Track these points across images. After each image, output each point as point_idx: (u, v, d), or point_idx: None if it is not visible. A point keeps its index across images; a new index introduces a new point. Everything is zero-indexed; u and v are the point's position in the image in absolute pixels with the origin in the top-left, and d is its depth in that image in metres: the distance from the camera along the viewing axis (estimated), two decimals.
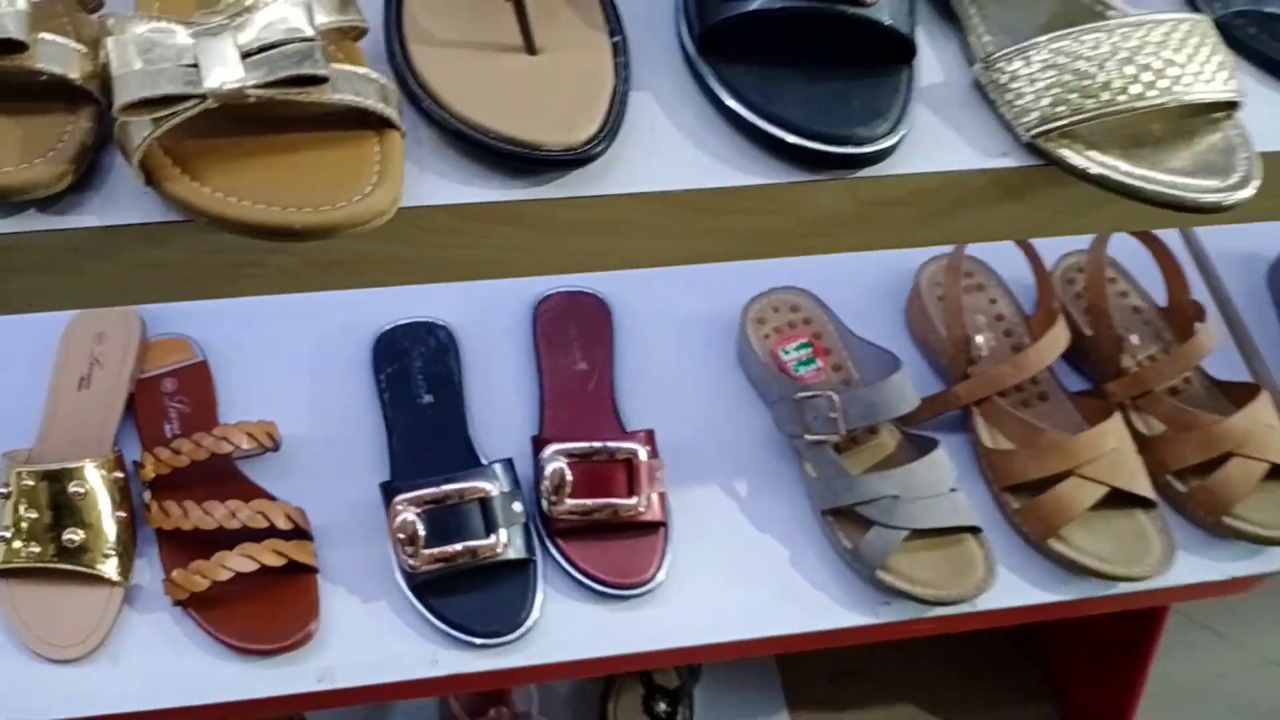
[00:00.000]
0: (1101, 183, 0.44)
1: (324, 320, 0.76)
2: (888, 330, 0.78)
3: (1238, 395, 0.74)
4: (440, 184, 0.42)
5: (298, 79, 0.38)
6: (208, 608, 0.63)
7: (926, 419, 0.73)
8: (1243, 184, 0.44)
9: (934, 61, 0.48)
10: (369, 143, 0.40)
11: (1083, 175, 0.44)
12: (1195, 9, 0.51)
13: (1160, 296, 0.78)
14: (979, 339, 0.72)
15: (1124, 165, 0.44)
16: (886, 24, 0.43)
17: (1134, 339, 0.74)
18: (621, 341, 0.77)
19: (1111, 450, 0.69)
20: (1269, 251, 0.84)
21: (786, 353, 0.74)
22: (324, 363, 0.74)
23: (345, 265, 0.43)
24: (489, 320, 0.76)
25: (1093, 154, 0.44)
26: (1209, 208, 0.43)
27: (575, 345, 0.74)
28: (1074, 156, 0.44)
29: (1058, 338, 0.71)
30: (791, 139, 0.42)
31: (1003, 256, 0.79)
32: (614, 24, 0.45)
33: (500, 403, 0.73)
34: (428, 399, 0.71)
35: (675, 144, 0.44)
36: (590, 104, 0.42)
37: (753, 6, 0.43)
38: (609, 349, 0.75)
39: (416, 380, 0.72)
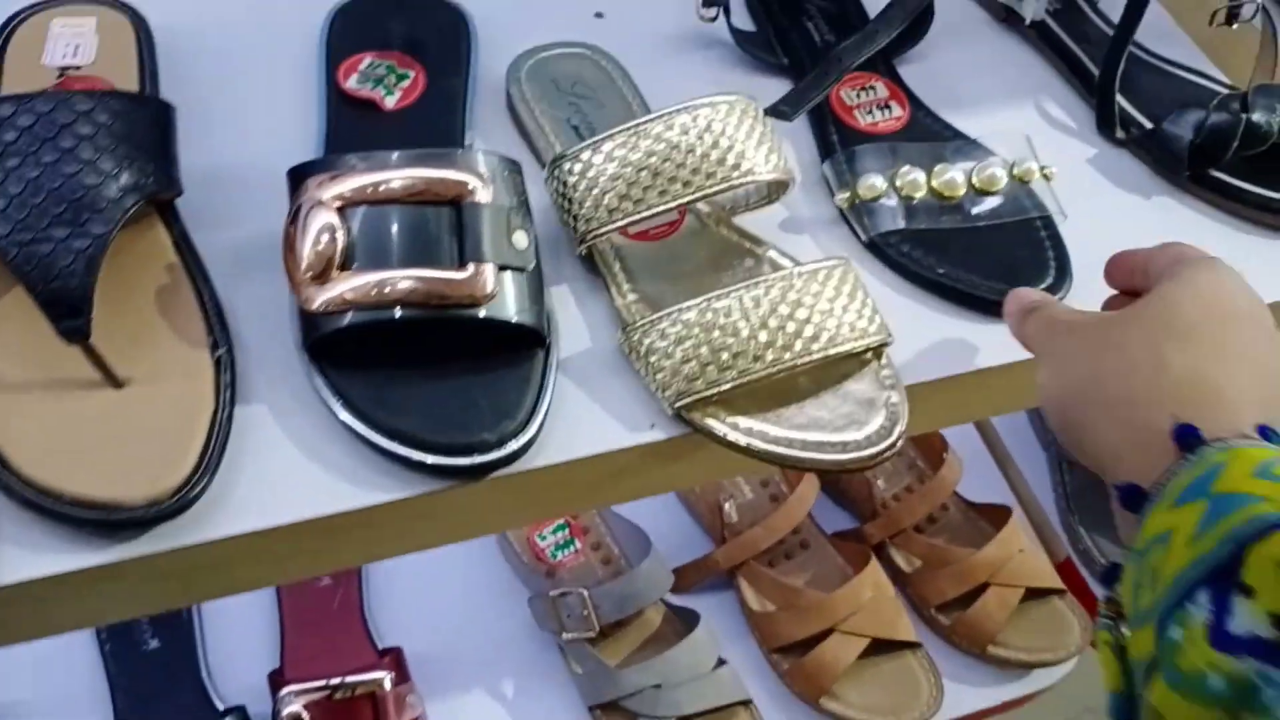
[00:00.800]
0: (748, 452, 0.42)
1: None
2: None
3: (992, 517, 0.75)
4: (17, 554, 0.37)
5: None
6: None
7: (692, 586, 0.72)
8: (887, 432, 0.42)
9: (581, 324, 0.45)
10: None
11: (729, 445, 0.42)
12: (851, 229, 0.50)
13: None
14: (727, 506, 0.71)
15: (771, 430, 0.42)
16: (506, 320, 0.40)
17: (880, 483, 0.75)
18: None
19: (869, 601, 0.69)
20: None
21: (543, 538, 0.72)
22: None
23: None
24: None
25: (738, 419, 0.42)
26: (854, 465, 0.42)
27: None
28: (718, 425, 0.42)
29: (805, 496, 0.71)
30: (413, 455, 0.39)
31: None
32: (218, 336, 0.41)
33: (238, 636, 0.68)
34: (154, 644, 0.66)
35: (292, 467, 0.40)
36: (181, 441, 0.38)
37: (345, 321, 0.39)
38: None
39: (141, 625, 0.66)
